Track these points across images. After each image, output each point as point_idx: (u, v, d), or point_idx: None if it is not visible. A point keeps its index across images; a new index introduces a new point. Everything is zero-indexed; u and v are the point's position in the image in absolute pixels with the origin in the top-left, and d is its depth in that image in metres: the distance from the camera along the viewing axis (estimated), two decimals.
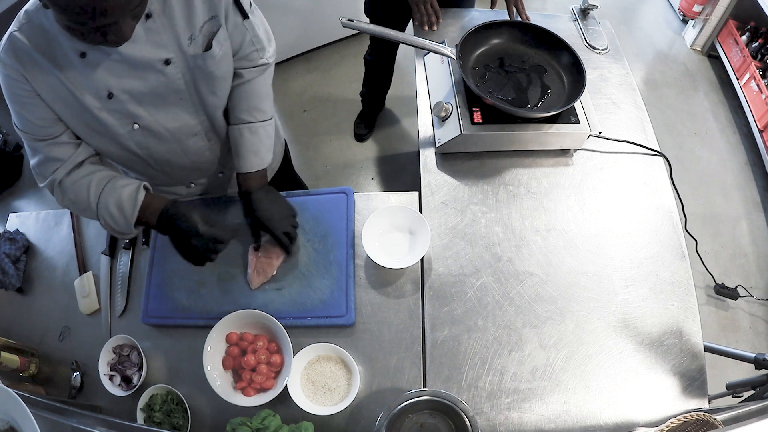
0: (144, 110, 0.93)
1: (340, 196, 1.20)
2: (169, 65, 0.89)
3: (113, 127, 0.92)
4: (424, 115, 1.33)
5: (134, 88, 0.89)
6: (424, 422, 0.94)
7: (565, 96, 1.24)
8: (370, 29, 1.22)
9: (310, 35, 2.74)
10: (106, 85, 0.87)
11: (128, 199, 0.94)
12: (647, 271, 1.11)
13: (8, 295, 1.24)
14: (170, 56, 0.89)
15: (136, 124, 0.94)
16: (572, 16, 1.57)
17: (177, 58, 0.90)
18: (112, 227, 0.96)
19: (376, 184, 2.37)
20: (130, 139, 0.96)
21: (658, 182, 1.24)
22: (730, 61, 2.60)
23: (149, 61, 0.87)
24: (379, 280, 1.10)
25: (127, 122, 0.93)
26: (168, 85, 0.92)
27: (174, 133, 1.00)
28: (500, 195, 1.20)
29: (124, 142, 0.96)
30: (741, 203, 2.32)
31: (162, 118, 0.96)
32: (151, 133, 0.97)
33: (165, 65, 0.89)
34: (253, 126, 1.06)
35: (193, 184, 1.21)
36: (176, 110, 0.97)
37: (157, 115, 0.95)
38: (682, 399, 0.99)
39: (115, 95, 0.88)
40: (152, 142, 1.00)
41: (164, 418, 1.01)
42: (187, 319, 1.10)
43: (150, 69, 0.88)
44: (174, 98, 0.95)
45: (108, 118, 0.91)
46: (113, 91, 0.88)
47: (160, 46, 0.87)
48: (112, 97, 0.88)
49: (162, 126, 0.97)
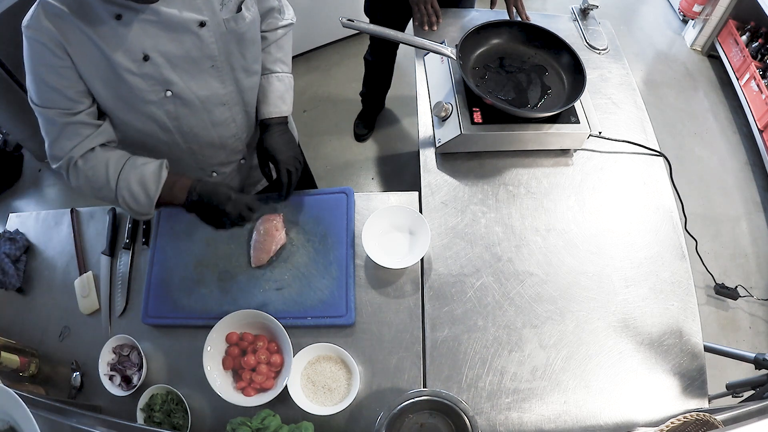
0: (177, 76, 0.94)
1: (340, 196, 1.20)
2: (204, 27, 0.91)
3: (145, 93, 0.92)
4: (424, 115, 1.33)
5: (170, 51, 0.90)
6: (424, 422, 0.94)
7: (565, 96, 1.24)
8: (370, 29, 1.22)
9: (310, 35, 2.74)
10: (142, 47, 0.87)
11: (151, 176, 0.93)
12: (647, 271, 1.11)
13: (8, 295, 1.24)
14: (205, 18, 0.91)
15: (169, 90, 0.94)
16: (572, 16, 1.57)
17: (211, 21, 0.92)
18: (131, 207, 0.94)
19: (376, 184, 2.37)
20: (160, 108, 0.96)
21: (658, 182, 1.24)
22: (730, 61, 2.60)
23: (185, 23, 0.89)
24: (379, 280, 1.10)
25: (159, 89, 0.93)
26: (202, 48, 0.93)
27: (204, 102, 1.01)
28: (500, 195, 1.20)
29: (155, 111, 0.96)
30: (741, 203, 2.32)
31: (194, 85, 0.97)
32: (182, 102, 0.97)
33: (200, 27, 0.91)
34: (281, 75, 1.15)
35: (215, 173, 1.19)
36: (207, 77, 0.98)
37: (190, 82, 0.96)
38: (682, 399, 0.99)
39: (152, 58, 0.89)
40: (182, 112, 0.99)
41: (164, 418, 1.01)
42: (187, 319, 1.10)
43: (186, 31, 0.90)
44: (206, 64, 0.96)
45: (141, 83, 0.91)
46: (149, 53, 0.88)
47: (195, 8, 0.90)
48: (147, 60, 0.88)
49: (194, 93, 0.98)
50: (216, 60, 0.97)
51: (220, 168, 1.19)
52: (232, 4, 0.94)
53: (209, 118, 1.05)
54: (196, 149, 1.10)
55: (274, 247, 1.12)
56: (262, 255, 1.12)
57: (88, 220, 1.29)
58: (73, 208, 1.30)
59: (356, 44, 2.80)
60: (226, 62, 0.99)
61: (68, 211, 1.30)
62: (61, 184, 2.50)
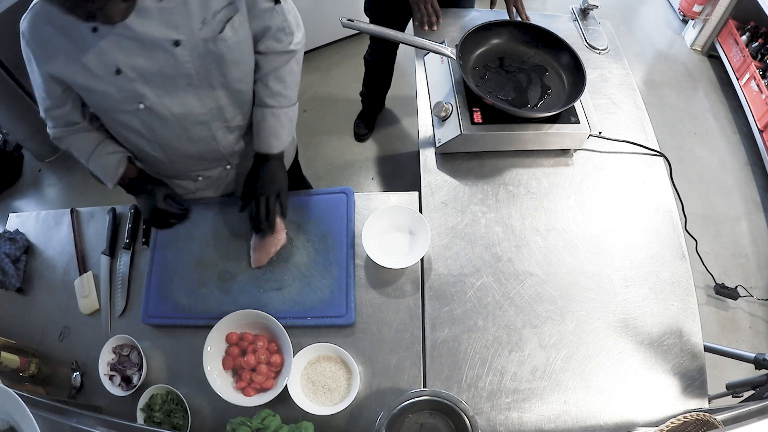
0: (150, 91, 0.93)
1: (340, 196, 1.20)
2: (179, 47, 0.89)
3: (119, 103, 0.94)
4: (424, 115, 1.33)
5: (142, 67, 0.90)
6: (424, 422, 0.94)
7: (565, 96, 1.24)
8: (370, 29, 1.22)
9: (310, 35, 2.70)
10: (115, 60, 0.87)
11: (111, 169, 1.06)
12: (647, 271, 1.11)
13: (8, 295, 1.24)
14: (180, 38, 0.89)
15: (142, 104, 0.94)
16: (572, 16, 1.57)
17: (187, 40, 0.90)
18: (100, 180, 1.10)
19: (376, 184, 2.37)
20: (135, 117, 0.97)
21: (658, 182, 1.24)
22: (730, 61, 2.60)
23: (158, 40, 0.87)
24: (379, 280, 1.10)
25: (133, 100, 0.94)
26: (176, 67, 0.92)
27: (179, 119, 1.00)
28: (500, 195, 1.20)
29: (131, 120, 0.98)
30: (741, 203, 2.32)
31: (168, 101, 0.96)
32: (156, 116, 0.98)
33: (174, 46, 0.89)
34: (276, 111, 1.08)
35: (201, 177, 1.20)
36: (183, 95, 0.97)
37: (164, 98, 0.95)
38: (682, 399, 0.99)
39: (123, 72, 0.89)
40: (157, 125, 1.00)
41: (164, 418, 1.01)
42: (187, 319, 1.10)
43: (158, 48, 0.88)
44: (182, 82, 0.95)
45: (115, 94, 0.92)
46: (121, 67, 0.88)
47: (172, 26, 0.88)
48: (120, 73, 0.89)
49: (168, 109, 0.97)
50: (192, 79, 0.95)
51: (205, 173, 1.20)
52: (216, 23, 0.90)
53: (186, 134, 1.04)
54: (174, 159, 1.11)
55: (273, 249, 1.12)
56: (262, 256, 1.12)
57: (88, 220, 1.29)
58: (73, 208, 1.30)
59: (356, 44, 2.80)
60: (204, 81, 0.97)
61: (68, 211, 1.30)
62: (61, 184, 2.50)
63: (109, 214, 1.26)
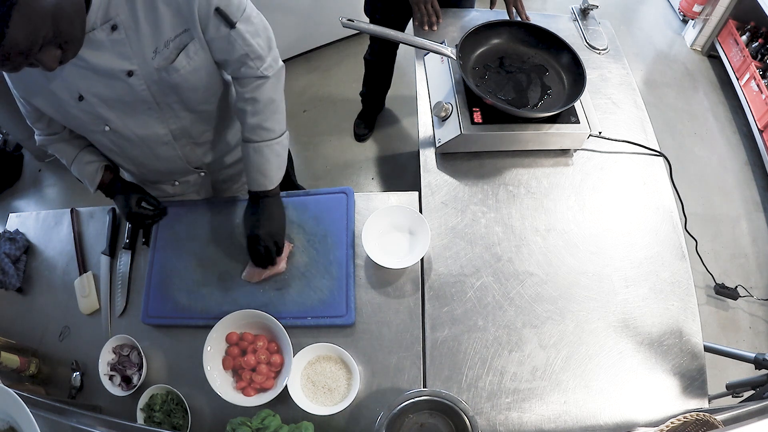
0: (114, 114, 0.95)
1: (340, 196, 1.20)
2: (132, 76, 0.89)
3: (87, 124, 0.97)
4: (424, 115, 1.33)
5: (102, 93, 0.91)
6: (424, 422, 0.94)
7: (565, 96, 1.24)
8: (370, 29, 1.22)
9: (310, 35, 2.74)
10: (77, 87, 0.90)
11: (89, 177, 1.12)
12: (647, 271, 1.11)
13: (8, 295, 1.24)
14: (133, 68, 0.89)
15: (107, 126, 0.97)
16: (572, 16, 1.57)
17: (140, 70, 0.89)
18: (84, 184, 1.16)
19: (376, 184, 2.37)
20: (104, 138, 1.01)
21: (658, 182, 1.24)
22: (730, 61, 2.60)
23: (112, 71, 0.88)
24: (379, 280, 1.10)
25: (99, 122, 0.97)
26: (133, 94, 0.93)
27: (144, 140, 1.03)
28: (500, 195, 1.20)
29: (100, 139, 1.03)
30: (741, 203, 2.32)
31: (131, 124, 0.98)
32: (121, 136, 1.01)
33: (128, 76, 0.89)
34: (258, 146, 1.02)
35: (177, 182, 1.23)
36: (145, 118, 0.98)
37: (126, 121, 0.98)
38: (682, 399, 0.99)
39: (85, 98, 0.91)
40: (124, 144, 1.03)
41: (164, 418, 1.01)
42: (187, 319, 1.10)
43: (114, 78, 0.89)
44: (141, 107, 0.96)
45: (82, 116, 0.95)
46: (83, 93, 0.90)
47: (125, 57, 0.87)
48: (82, 100, 0.91)
49: (131, 131, 1.00)
50: (151, 104, 0.95)
51: (181, 178, 1.22)
52: (169, 52, 0.89)
53: (152, 152, 1.07)
54: (145, 172, 1.16)
55: (267, 272, 1.10)
56: (254, 275, 1.11)
57: (88, 220, 1.29)
58: (73, 208, 1.30)
59: (356, 44, 2.80)
60: (164, 105, 0.97)
61: (68, 211, 1.30)
62: (62, 184, 2.50)
63: (109, 214, 1.26)
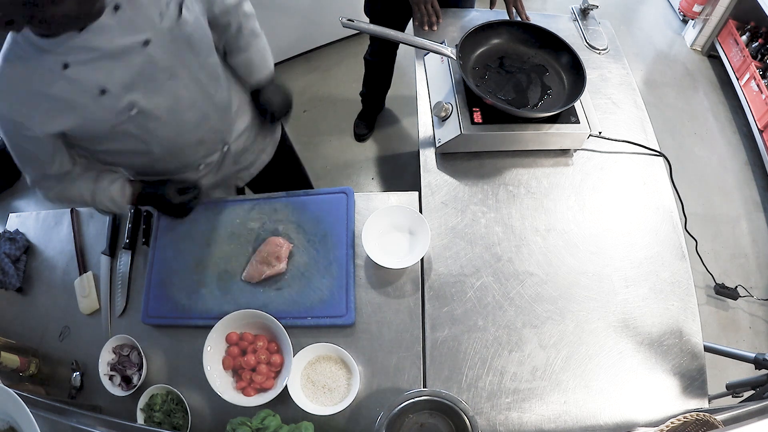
0: (138, 94, 0.95)
1: (340, 196, 1.20)
2: (149, 45, 0.90)
3: (113, 118, 0.94)
4: (424, 115, 1.33)
5: (124, 77, 0.91)
6: (424, 422, 0.94)
7: (565, 96, 1.24)
8: (370, 29, 1.22)
9: (310, 35, 2.74)
10: (97, 83, 0.88)
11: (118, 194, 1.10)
12: (647, 271, 1.11)
13: (8, 295, 1.24)
14: (147, 36, 0.90)
15: (134, 108, 0.95)
16: (572, 16, 1.57)
17: (154, 36, 0.91)
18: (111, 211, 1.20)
19: (376, 184, 2.37)
20: (131, 124, 0.98)
21: (658, 182, 1.24)
22: (730, 61, 2.60)
23: (129, 47, 0.88)
24: (379, 280, 1.10)
25: (124, 111, 0.95)
26: (153, 64, 0.93)
27: (172, 112, 1.02)
28: (500, 195, 1.20)
29: (127, 129, 0.98)
30: (741, 203, 2.32)
31: (157, 98, 0.98)
32: (149, 116, 0.99)
33: (145, 46, 0.90)
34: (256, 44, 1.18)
35: (202, 165, 1.20)
36: (167, 88, 0.98)
37: (152, 97, 0.97)
38: (682, 399, 0.99)
39: (108, 89, 0.90)
40: (153, 126, 1.01)
41: (164, 418, 1.01)
42: (187, 319, 1.10)
43: (132, 53, 0.89)
44: (163, 77, 0.96)
45: (106, 113, 0.93)
46: (105, 86, 0.89)
47: (137, 30, 0.88)
48: (105, 93, 0.90)
49: (158, 106, 0.99)
50: (171, 69, 0.97)
51: (205, 160, 1.20)
52: (171, 11, 0.93)
53: (181, 123, 1.06)
54: (176, 152, 1.12)
55: (269, 271, 1.10)
56: (254, 274, 1.11)
57: (88, 220, 1.29)
58: (73, 208, 1.30)
59: (356, 44, 2.80)
60: (182, 68, 0.99)
61: (68, 211, 1.30)
62: None
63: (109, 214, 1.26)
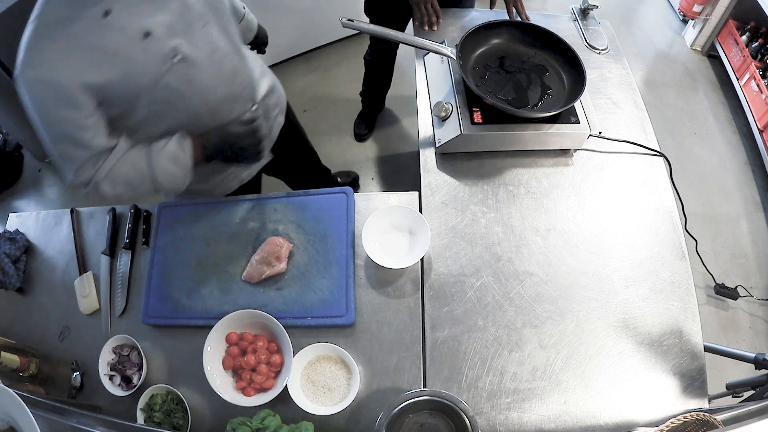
0: (180, 39, 0.96)
1: (340, 196, 1.20)
2: None
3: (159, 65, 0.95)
4: (424, 115, 1.33)
5: (164, 21, 0.93)
6: (424, 422, 0.94)
7: (565, 96, 1.24)
8: (370, 29, 1.22)
9: (310, 35, 2.74)
10: (139, 26, 0.90)
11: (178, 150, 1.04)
12: (647, 271, 1.11)
13: (8, 295, 1.24)
14: None
15: (177, 55, 0.96)
16: (572, 16, 1.57)
17: None
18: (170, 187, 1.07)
19: (376, 184, 2.37)
20: (174, 74, 0.98)
21: (658, 182, 1.24)
22: (730, 61, 2.60)
23: None
24: (379, 280, 1.10)
25: (168, 57, 0.95)
26: (189, 11, 0.96)
27: (210, 58, 1.03)
28: (500, 195, 1.20)
29: (171, 80, 0.98)
30: (741, 203, 2.32)
31: (196, 43, 1.00)
32: (190, 63, 0.99)
33: None
34: None
35: None
36: (204, 35, 1.01)
37: (192, 41, 0.99)
38: (682, 399, 0.99)
39: (152, 32, 0.91)
40: (194, 73, 1.01)
41: (164, 418, 1.01)
42: (187, 319, 1.10)
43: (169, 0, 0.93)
44: (199, 23, 0.99)
45: (151, 59, 0.93)
46: (148, 28, 0.91)
47: None
48: (149, 35, 0.91)
49: (199, 50, 1.00)
50: (205, 18, 1.00)
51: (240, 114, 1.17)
52: None
53: (219, 73, 1.06)
54: (214, 108, 1.10)
55: (267, 272, 1.10)
56: (254, 274, 1.11)
57: (88, 220, 1.29)
58: (73, 208, 1.30)
59: (356, 44, 2.80)
60: (214, 17, 1.03)
61: (68, 211, 1.30)
62: (61, 184, 2.50)
63: (109, 214, 1.26)
